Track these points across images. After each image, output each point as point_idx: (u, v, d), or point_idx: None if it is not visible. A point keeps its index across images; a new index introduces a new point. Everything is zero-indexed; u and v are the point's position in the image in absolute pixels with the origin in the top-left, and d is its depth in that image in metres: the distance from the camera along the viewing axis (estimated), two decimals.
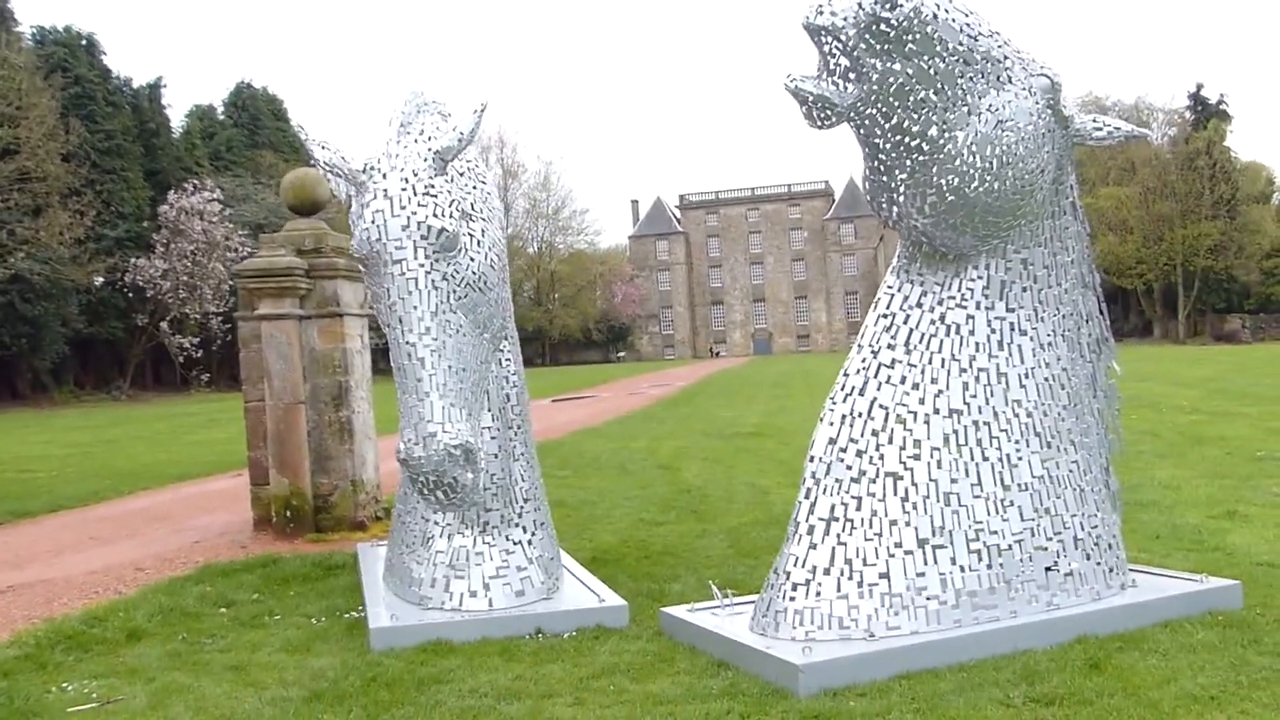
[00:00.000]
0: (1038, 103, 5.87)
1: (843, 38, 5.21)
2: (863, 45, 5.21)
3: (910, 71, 5.31)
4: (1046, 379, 6.34)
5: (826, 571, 5.78)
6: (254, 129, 70.55)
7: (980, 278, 6.23)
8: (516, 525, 7.12)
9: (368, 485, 10.48)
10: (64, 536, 11.22)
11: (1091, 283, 6.84)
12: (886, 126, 5.50)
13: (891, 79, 5.30)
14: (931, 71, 5.35)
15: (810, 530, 5.90)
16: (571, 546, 9.15)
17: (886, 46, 5.21)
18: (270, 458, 10.10)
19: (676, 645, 6.15)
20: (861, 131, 5.60)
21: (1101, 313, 6.91)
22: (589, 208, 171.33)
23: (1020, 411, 6.21)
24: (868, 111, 5.44)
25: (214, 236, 53.92)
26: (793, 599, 5.76)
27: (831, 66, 5.43)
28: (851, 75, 5.39)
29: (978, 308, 6.22)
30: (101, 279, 51.43)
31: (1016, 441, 6.15)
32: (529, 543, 7.12)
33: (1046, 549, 6.08)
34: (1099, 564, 6.29)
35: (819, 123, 5.42)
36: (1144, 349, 64.77)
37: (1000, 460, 6.08)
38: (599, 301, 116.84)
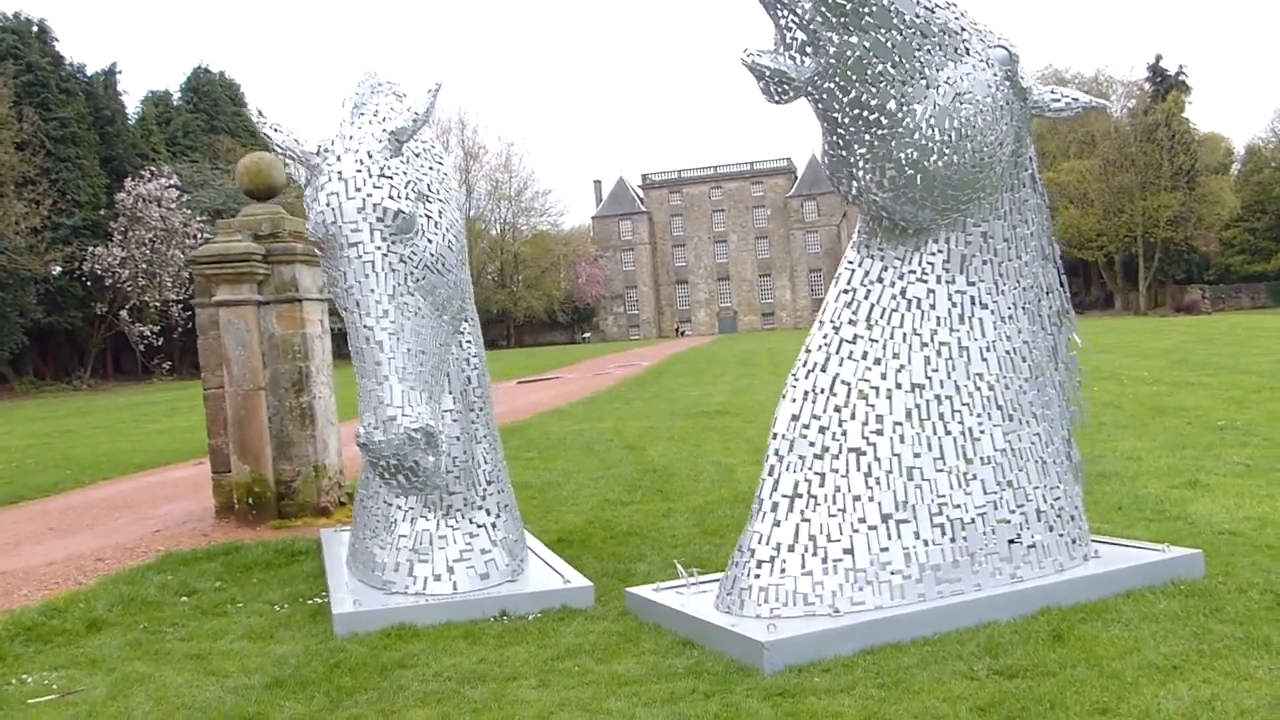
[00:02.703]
0: (996, 75, 5.85)
1: (799, 10, 5.17)
2: (819, 18, 5.17)
3: (867, 44, 5.27)
4: (1008, 352, 6.36)
5: (791, 548, 5.77)
6: (212, 114, 69.53)
7: (940, 252, 6.22)
8: (480, 508, 7.07)
9: (330, 470, 10.38)
10: (23, 528, 11.05)
11: (1051, 255, 6.85)
12: (844, 100, 5.46)
13: (849, 52, 5.27)
14: (889, 44, 5.32)
15: (774, 507, 5.89)
16: (537, 528, 9.12)
17: (843, 19, 5.17)
18: (231, 445, 9.98)
19: (642, 625, 6.14)
20: (820, 106, 5.57)
21: (1062, 285, 6.92)
22: (552, 189, 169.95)
23: (982, 385, 6.22)
24: (825, 85, 5.40)
25: (172, 223, 53.24)
26: (757, 576, 5.75)
27: (789, 40, 5.38)
28: (809, 49, 5.35)
29: (938, 282, 6.22)
30: (59, 268, 50.69)
31: (979, 415, 6.17)
32: (493, 525, 7.08)
33: (1009, 522, 6.11)
34: (1062, 536, 6.32)
35: (776, 97, 5.38)
36: (1105, 321, 65.44)
37: (962, 434, 6.10)
38: (563, 283, 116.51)
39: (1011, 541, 6.09)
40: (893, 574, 5.75)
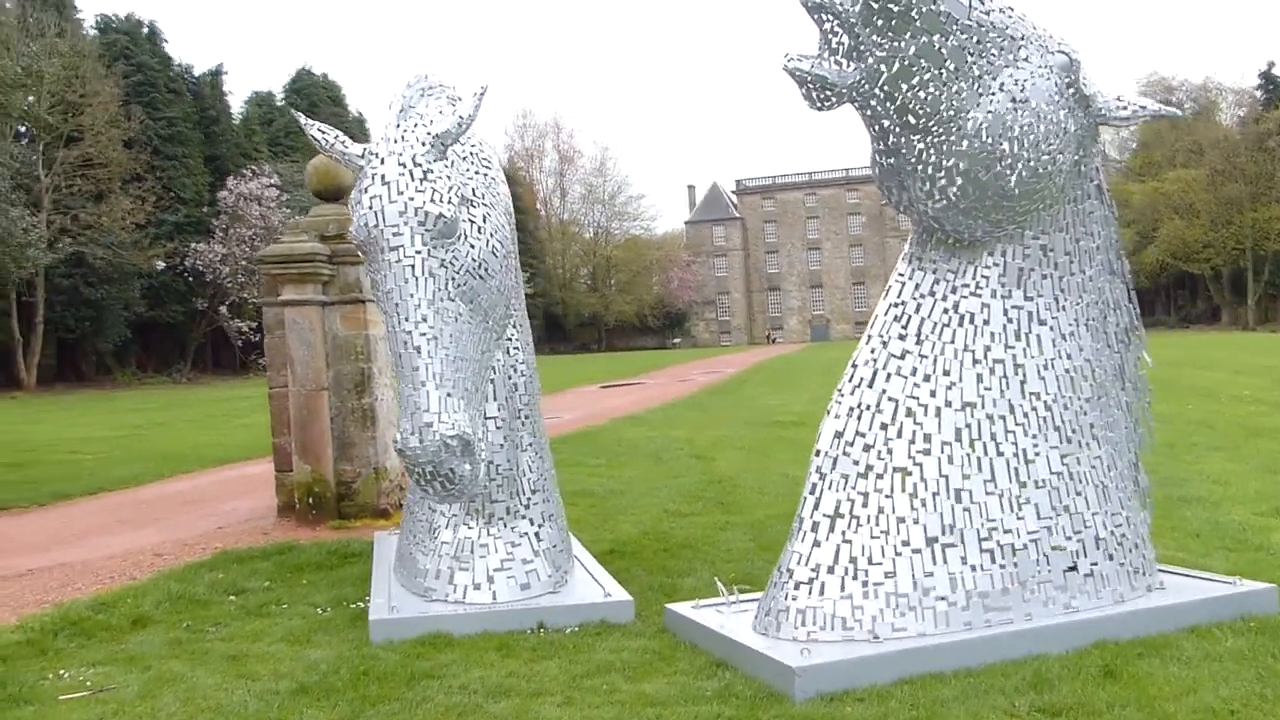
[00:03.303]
0: (1055, 81, 5.58)
1: (842, 14, 4.98)
2: (863, 21, 4.98)
3: (915, 50, 5.06)
4: (1067, 370, 6.06)
5: (830, 570, 5.57)
6: (312, 115, 70.95)
7: (996, 265, 5.96)
8: (523, 517, 6.99)
9: (391, 472, 10.43)
10: (94, 520, 11.34)
11: (1119, 269, 6.53)
12: (891, 108, 5.26)
13: (895, 58, 5.06)
14: (939, 49, 5.10)
15: (814, 527, 5.69)
16: (591, 537, 9.02)
17: (890, 22, 4.97)
18: (293, 444, 10.09)
19: (678, 643, 5.99)
20: (866, 113, 5.37)
21: (1130, 301, 6.59)
22: (645, 193, 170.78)
23: (1038, 404, 5.94)
24: (871, 92, 5.20)
25: (271, 222, 54.54)
26: (795, 598, 5.56)
27: (834, 45, 5.19)
28: (853, 54, 5.16)
29: (993, 296, 5.95)
30: (163, 263, 52.29)
31: (1034, 436, 5.89)
32: (536, 535, 6.99)
33: (1065, 549, 5.82)
34: (1122, 564, 6.00)
35: (818, 104, 5.19)
36: (1210, 336, 63.19)
37: (1016, 455, 5.82)
38: (655, 287, 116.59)
39: (1068, 570, 5.80)
40: (937, 600, 5.50)
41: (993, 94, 5.32)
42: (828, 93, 5.14)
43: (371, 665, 5.69)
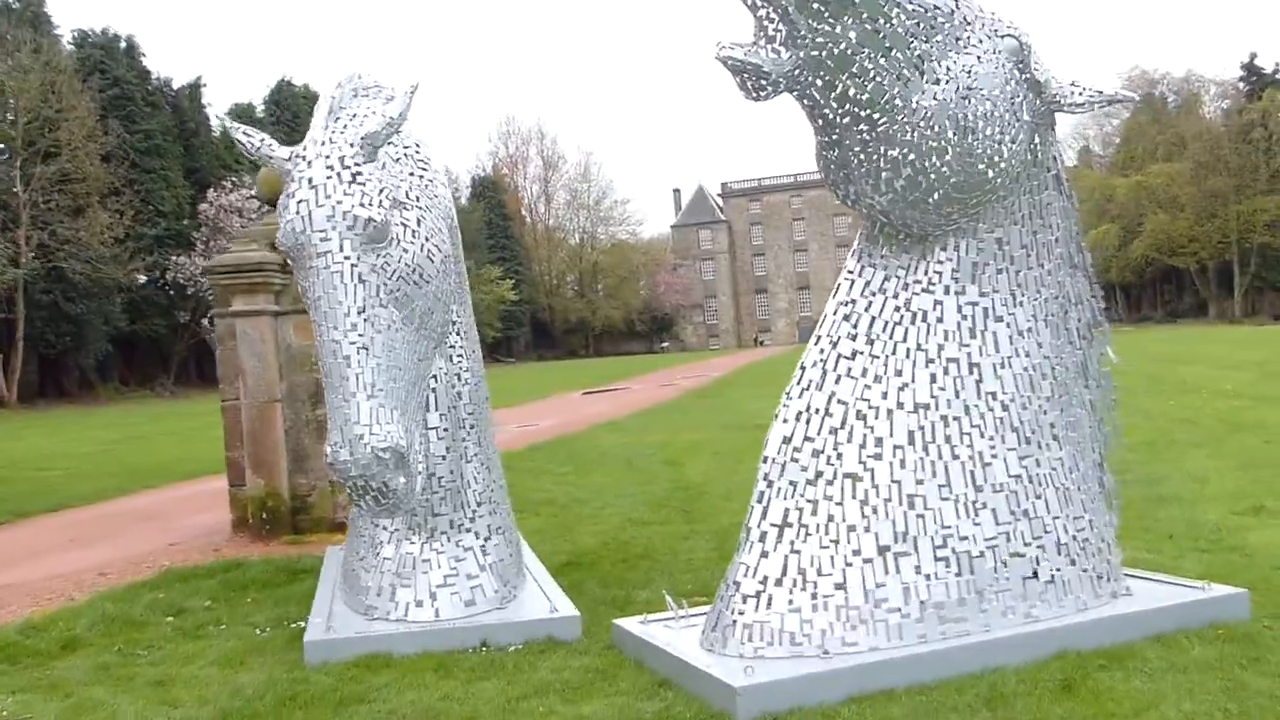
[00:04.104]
0: (1005, 67, 5.35)
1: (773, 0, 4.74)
2: (799, 7, 4.74)
3: (854, 35, 4.81)
4: (1026, 369, 5.82)
5: (778, 582, 5.32)
6: (293, 126, 70.62)
7: (949, 260, 5.72)
8: (468, 530, 6.73)
9: None
10: (48, 538, 11.05)
11: (1080, 262, 6.30)
12: (831, 96, 5.01)
13: (833, 43, 4.82)
14: (878, 34, 4.85)
15: (762, 537, 5.44)
16: (549, 549, 8.78)
17: (824, 7, 4.73)
18: (246, 458, 9.83)
19: (624, 660, 5.74)
20: (805, 103, 5.12)
21: (1093, 295, 6.37)
22: (630, 198, 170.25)
23: (995, 405, 5.70)
24: (810, 81, 4.96)
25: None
26: (741, 612, 5.31)
27: (771, 32, 4.94)
28: (791, 42, 4.92)
29: (946, 292, 5.71)
30: (144, 277, 51.88)
31: (991, 438, 5.65)
32: (482, 549, 6.73)
33: (1024, 555, 5.57)
34: (1085, 570, 5.76)
35: (754, 94, 4.94)
36: (1197, 330, 63.20)
37: (972, 459, 5.58)
38: (642, 292, 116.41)
39: (1028, 578, 5.56)
40: (889, 612, 5.26)
41: (939, 81, 5.08)
42: (763, 82, 4.89)
43: (300, 690, 5.43)
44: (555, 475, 13.63)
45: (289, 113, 71.59)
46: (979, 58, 5.24)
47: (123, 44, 56.29)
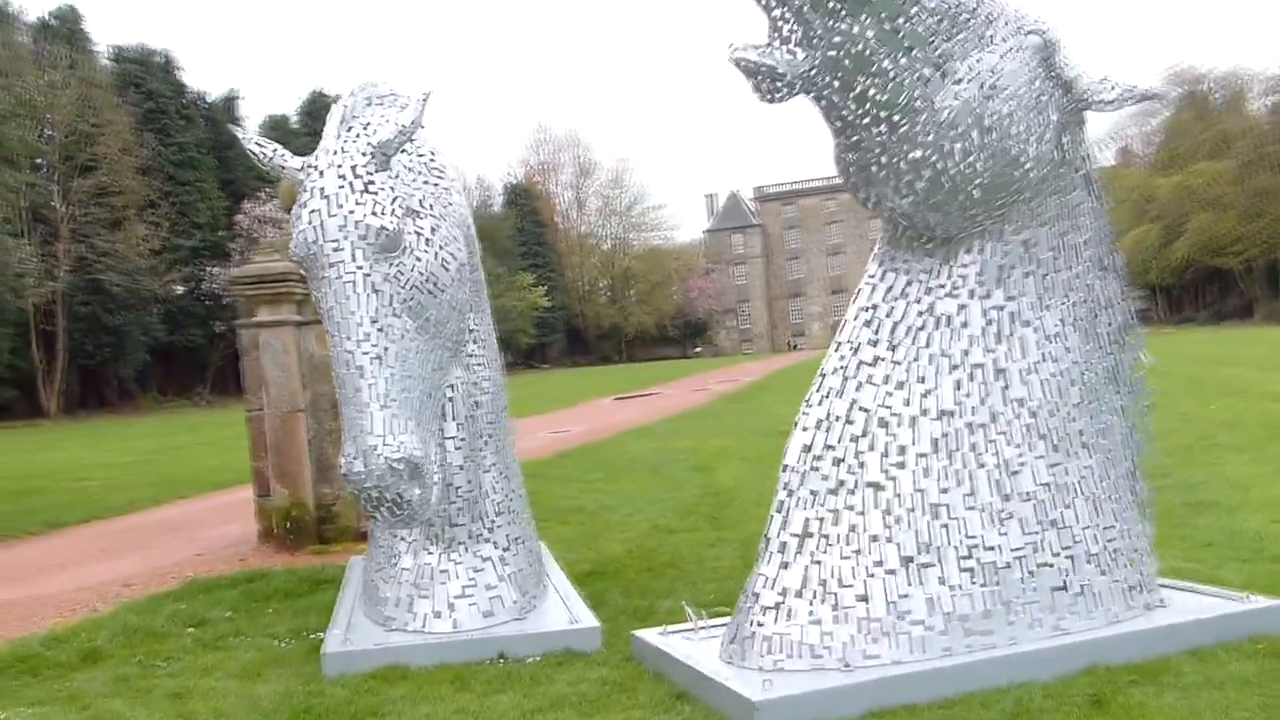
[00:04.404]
0: (1030, 64, 5.22)
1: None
2: (814, 6, 4.63)
3: (871, 34, 4.71)
4: (1054, 374, 5.67)
5: (799, 594, 5.21)
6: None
7: (973, 263, 5.58)
8: (487, 540, 6.66)
9: None
10: (79, 549, 11.10)
11: (1112, 265, 6.12)
12: (849, 98, 4.90)
13: (850, 43, 4.71)
14: (896, 32, 4.74)
15: (782, 548, 5.34)
16: (574, 558, 8.69)
17: (840, 5, 4.63)
18: (271, 468, 9.82)
19: (643, 673, 5.64)
20: (822, 105, 5.02)
21: (1125, 298, 6.19)
22: (664, 204, 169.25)
23: (1022, 411, 5.55)
24: (826, 82, 4.85)
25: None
26: (761, 624, 5.20)
27: (785, 33, 4.84)
28: (807, 42, 4.81)
29: (971, 297, 5.58)
30: (181, 288, 52.43)
31: (1018, 445, 5.49)
32: (501, 559, 6.66)
33: (1053, 566, 5.42)
34: (1117, 581, 5.59)
35: (768, 96, 4.84)
36: (1243, 331, 62.07)
37: (998, 467, 5.43)
38: (675, 297, 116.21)
39: (1057, 589, 5.40)
40: (913, 624, 5.12)
41: (960, 80, 4.96)
42: (777, 84, 4.78)
43: (315, 703, 5.38)
44: (584, 483, 13.56)
45: (323, 124, 72.12)
46: (1003, 55, 5.11)
47: (158, 58, 56.96)
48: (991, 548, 5.30)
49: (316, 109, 72.56)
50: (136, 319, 48.83)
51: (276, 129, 69.84)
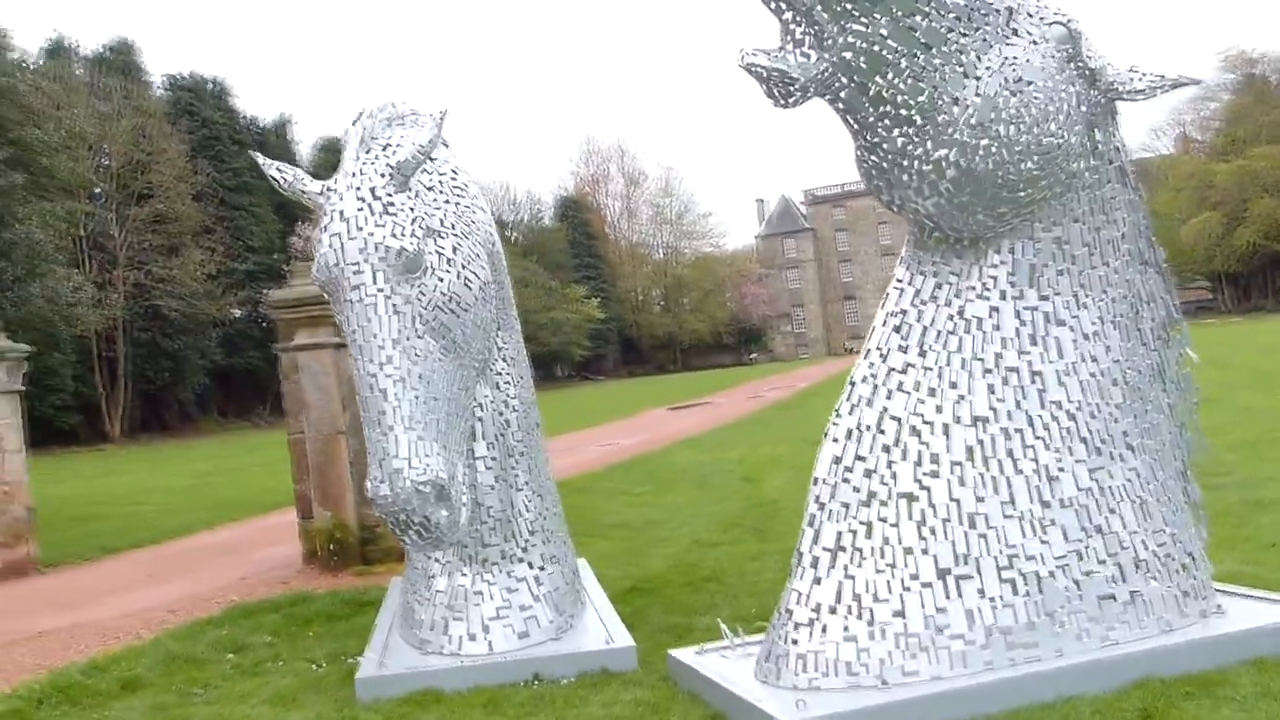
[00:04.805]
0: (1053, 56, 5.05)
1: (796, 2, 4.52)
2: (824, 7, 4.51)
3: (884, 32, 4.57)
4: (1093, 374, 5.47)
5: (832, 609, 5.07)
6: None
7: (1004, 263, 5.41)
8: (521, 560, 6.59)
9: None
10: (129, 575, 11.22)
11: (1152, 259, 5.92)
12: (864, 99, 4.77)
13: (863, 43, 4.58)
14: (911, 30, 4.61)
15: (814, 563, 5.20)
16: (616, 574, 8.60)
17: (849, 6, 4.50)
18: (313, 490, 9.85)
19: (677, 693, 5.53)
20: (838, 107, 4.89)
21: (1168, 292, 5.97)
22: (713, 211, 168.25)
23: (1061, 414, 5.36)
24: (840, 83, 4.72)
25: None
26: (795, 641, 5.07)
27: (798, 36, 4.72)
28: (819, 43, 4.69)
29: (1003, 298, 5.40)
30: (238, 311, 53.19)
31: (1057, 450, 5.30)
32: (535, 579, 6.58)
33: (1099, 574, 5.22)
34: (1169, 588, 5.37)
35: (781, 101, 4.72)
36: None
37: (1037, 473, 5.25)
38: (728, 304, 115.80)
39: (1104, 598, 5.20)
40: (952, 639, 4.96)
41: (980, 75, 4.81)
42: (790, 87, 4.66)
43: None
44: (631, 496, 13.48)
45: None
46: (1025, 48, 4.96)
47: (211, 86, 57.96)
48: (1032, 557, 5.12)
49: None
50: (195, 343, 49.61)
51: (329, 152, 70.83)
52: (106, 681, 6.62)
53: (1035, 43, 5.00)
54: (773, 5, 4.65)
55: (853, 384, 5.44)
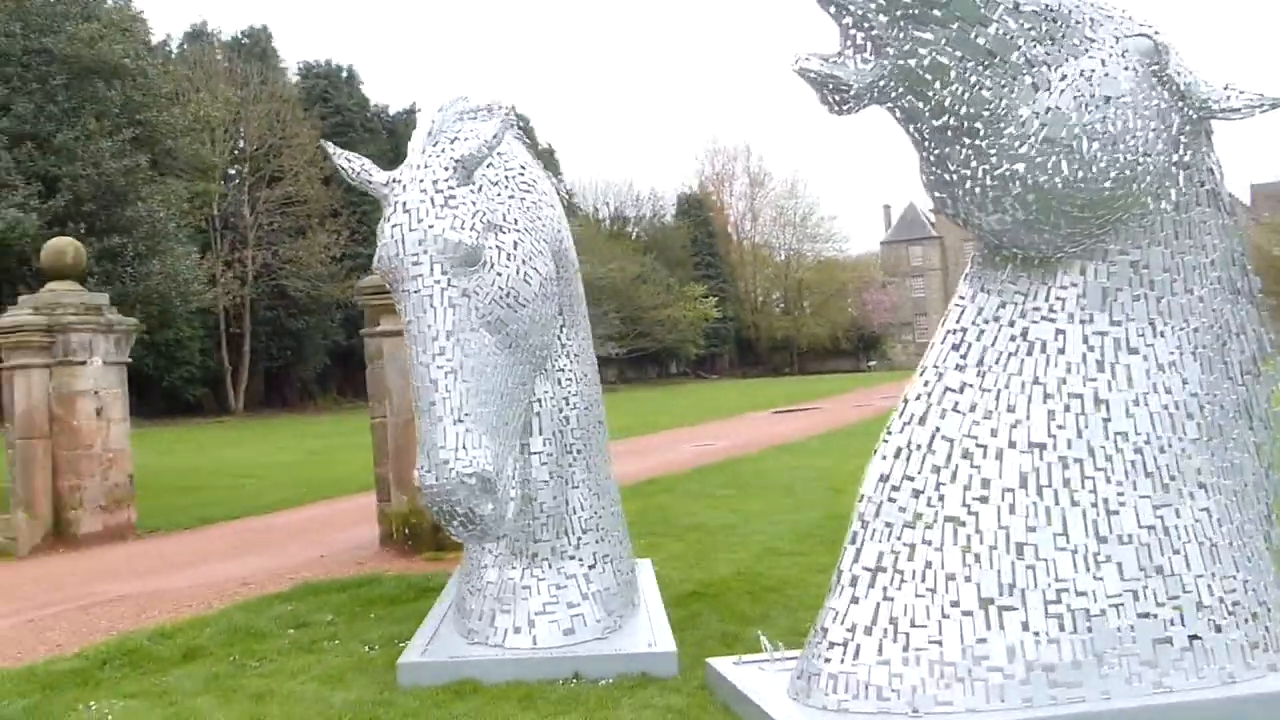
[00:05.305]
0: (1135, 71, 4.82)
1: (853, 7, 4.39)
2: (879, 11, 4.38)
3: (945, 40, 4.42)
4: (1165, 406, 5.20)
5: (868, 631, 4.93)
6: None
7: (1074, 285, 5.19)
8: (572, 558, 6.59)
9: None
10: (216, 546, 11.61)
11: (1245, 288, 5.60)
12: (925, 109, 4.62)
13: (922, 50, 4.44)
14: (975, 38, 4.44)
15: (853, 581, 5.07)
16: (680, 577, 8.56)
17: (909, 11, 4.36)
18: (391, 474, 10.03)
19: (711, 703, 5.47)
20: (898, 115, 4.75)
21: (1262, 324, 5.64)
22: (837, 214, 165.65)
23: (1126, 446, 5.10)
24: (899, 92, 4.58)
25: None
26: (827, 660, 4.95)
27: (859, 41, 4.59)
28: (878, 49, 4.56)
29: (1070, 320, 5.17)
30: None
31: (1119, 483, 5.06)
32: (585, 577, 6.57)
33: (1156, 616, 4.96)
34: (1236, 638, 5.07)
35: (836, 108, 4.59)
36: None
37: (1095, 505, 5.01)
38: (850, 310, 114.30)
39: (1160, 641, 4.93)
40: (990, 671, 4.77)
41: (1054, 89, 4.61)
42: (844, 95, 4.54)
43: (380, 713, 5.44)
44: (713, 499, 13.40)
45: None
46: (1104, 61, 4.73)
47: (344, 73, 59.64)
48: (1084, 593, 4.89)
49: None
50: (318, 323, 51.13)
51: None
52: (169, 648, 6.85)
53: (1116, 56, 4.77)
54: (831, 9, 4.53)
55: (906, 401, 5.29)
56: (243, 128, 48.43)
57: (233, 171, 49.32)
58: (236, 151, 49.19)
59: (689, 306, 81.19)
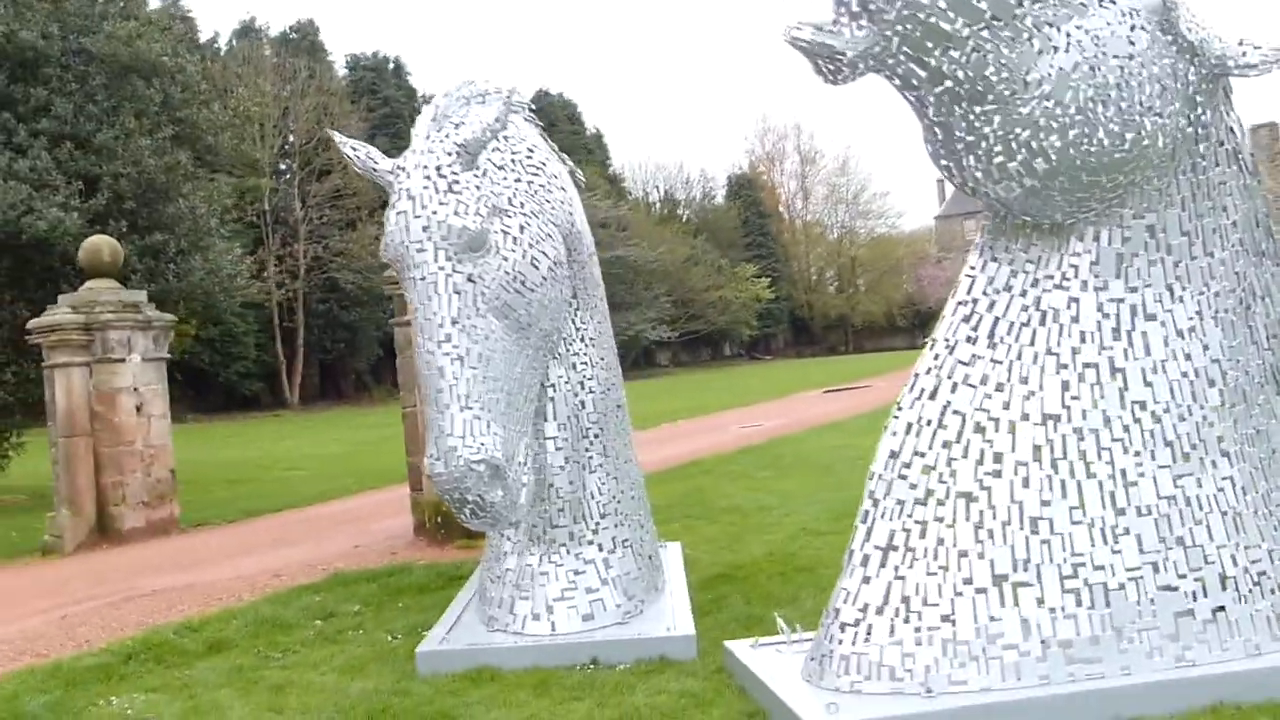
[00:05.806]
0: (1145, 28, 4.65)
1: None
2: None
3: (943, 3, 4.29)
4: (1185, 373, 5.04)
5: (879, 610, 4.84)
6: (548, 133, 73.23)
7: (1087, 252, 5.03)
8: (590, 543, 6.55)
9: None
10: (256, 539, 11.75)
11: (1271, 249, 5.41)
12: (923, 74, 4.49)
13: (917, 13, 4.31)
14: (974, 1, 4.31)
15: (864, 561, 4.99)
16: (710, 560, 8.51)
17: None
18: (423, 464, 10.05)
19: (727, 686, 5.41)
20: (896, 82, 4.62)
21: None
22: (889, 190, 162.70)
23: (1144, 415, 4.95)
24: (895, 58, 4.46)
25: None
26: (840, 641, 4.87)
27: (855, 9, 4.48)
28: (870, 16, 4.44)
29: (1084, 289, 5.03)
30: None
31: (1137, 454, 4.91)
32: (604, 562, 6.54)
33: (1177, 589, 4.82)
34: (1261, 609, 4.92)
35: (831, 78, 4.49)
36: None
37: (1112, 477, 4.87)
38: (904, 286, 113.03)
39: (1181, 614, 4.79)
40: (1005, 649, 4.66)
41: (1055, 48, 4.47)
42: (837, 64, 4.43)
43: (394, 702, 5.43)
44: (752, 480, 13.31)
45: (544, 119, 74.05)
46: (1110, 20, 4.57)
47: (391, 65, 59.97)
48: (1101, 567, 4.76)
49: (540, 106, 74.18)
50: (370, 315, 51.54)
51: None
52: (195, 642, 6.93)
53: (1124, 14, 4.61)
54: None
55: (916, 375, 5.17)
56: (291, 122, 48.87)
57: (283, 166, 49.78)
58: (286, 146, 49.66)
59: (741, 287, 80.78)
